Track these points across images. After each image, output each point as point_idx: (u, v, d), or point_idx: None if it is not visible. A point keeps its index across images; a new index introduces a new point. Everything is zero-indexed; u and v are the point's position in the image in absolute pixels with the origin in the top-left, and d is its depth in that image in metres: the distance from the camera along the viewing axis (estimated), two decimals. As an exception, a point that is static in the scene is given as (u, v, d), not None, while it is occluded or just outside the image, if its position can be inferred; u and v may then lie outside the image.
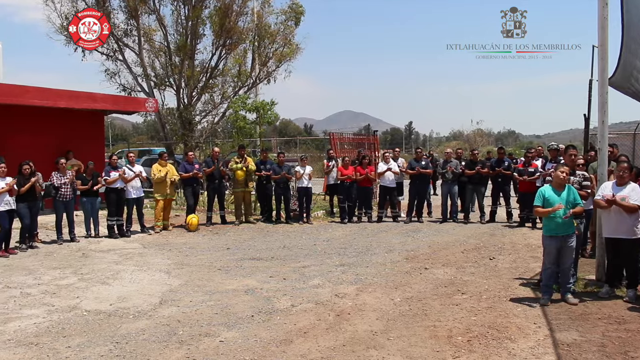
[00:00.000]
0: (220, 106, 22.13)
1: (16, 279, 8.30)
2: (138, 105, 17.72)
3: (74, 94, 15.16)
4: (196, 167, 13.22)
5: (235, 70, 22.07)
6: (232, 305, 6.83)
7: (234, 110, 17.06)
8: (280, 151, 15.58)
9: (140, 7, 20.58)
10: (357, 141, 18.28)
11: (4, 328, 6.10)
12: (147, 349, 5.44)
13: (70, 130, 15.53)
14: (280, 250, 10.54)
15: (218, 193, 13.80)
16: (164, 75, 21.63)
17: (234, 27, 20.98)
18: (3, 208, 9.94)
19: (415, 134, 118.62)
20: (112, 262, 9.47)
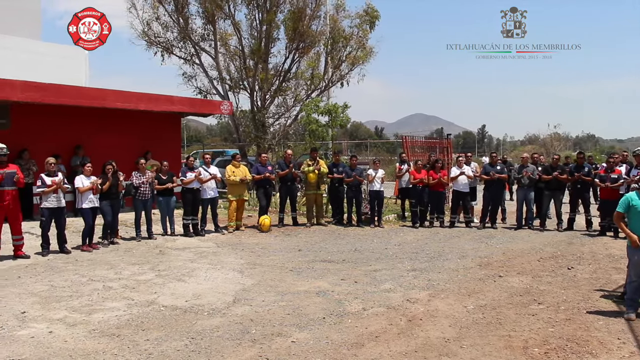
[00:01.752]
0: (292, 109, 22.42)
1: (99, 273, 8.69)
2: (214, 108, 18.20)
3: (153, 97, 15.73)
4: (269, 169, 13.42)
5: (308, 73, 22.27)
6: (304, 307, 6.88)
7: (306, 113, 17.20)
8: (352, 154, 15.58)
9: (216, 13, 21.16)
10: (429, 145, 18.05)
11: (89, 318, 6.41)
12: (221, 346, 5.56)
13: (149, 131, 16.15)
14: (352, 253, 10.54)
15: (290, 195, 13.95)
16: (239, 79, 22.13)
17: (307, 31, 21.19)
18: (87, 205, 10.46)
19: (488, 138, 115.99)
20: (187, 260, 9.75)
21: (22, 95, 12.91)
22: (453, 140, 18.29)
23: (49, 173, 10.08)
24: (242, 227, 13.25)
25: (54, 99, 13.48)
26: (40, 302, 7.05)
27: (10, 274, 8.62)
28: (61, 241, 10.26)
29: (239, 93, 22.26)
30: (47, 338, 5.76)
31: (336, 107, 16.46)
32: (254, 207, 15.70)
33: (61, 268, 9.06)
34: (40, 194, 10.08)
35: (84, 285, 7.91)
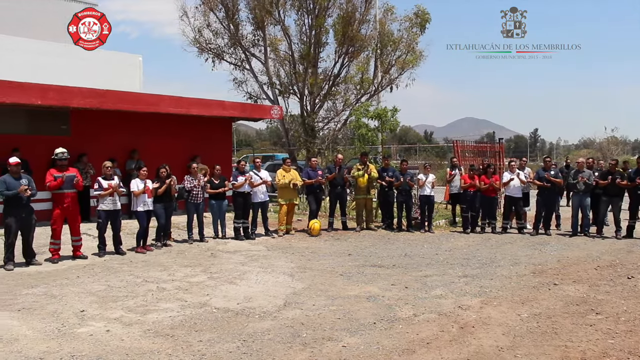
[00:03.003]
0: (342, 113, 22.43)
1: (153, 274, 8.90)
2: (264, 113, 18.40)
3: (205, 102, 16.03)
4: (319, 174, 13.47)
5: (357, 77, 22.23)
6: (354, 311, 6.86)
7: (356, 117, 17.19)
8: (403, 158, 15.48)
9: (266, 19, 21.39)
10: (479, 149, 17.76)
11: (144, 319, 6.56)
12: (272, 349, 5.60)
13: (201, 136, 16.45)
14: (402, 258, 10.46)
15: (340, 199, 13.96)
16: (288, 83, 22.27)
17: (356, 35, 21.16)
18: (142, 208, 10.74)
19: (540, 142, 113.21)
20: (238, 263, 9.87)
21: (81, 101, 13.37)
22: (505, 145, 17.90)
23: (106, 176, 10.41)
24: (292, 231, 13.34)
25: (111, 105, 13.90)
26: (97, 302, 7.27)
27: (70, 273, 8.92)
28: (117, 243, 10.56)
29: (288, 98, 22.42)
30: (105, 336, 5.93)
31: (386, 111, 16.40)
32: (304, 211, 15.79)
33: (117, 269, 9.32)
34: (97, 197, 10.41)
35: (139, 286, 8.11)
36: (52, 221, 9.94)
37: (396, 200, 14.03)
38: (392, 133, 20.86)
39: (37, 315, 6.65)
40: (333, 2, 21.05)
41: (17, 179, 9.26)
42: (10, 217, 9.19)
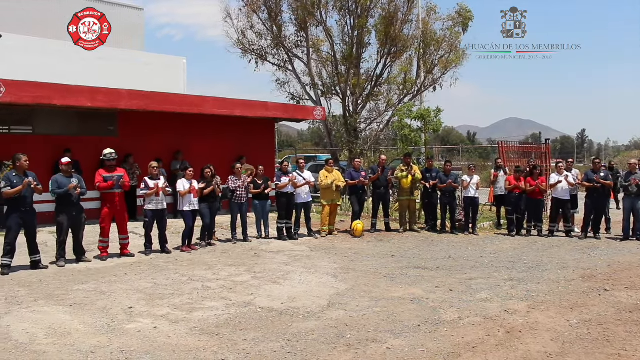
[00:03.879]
0: (385, 114, 22.35)
1: (198, 273, 9.03)
2: (307, 113, 18.47)
3: (248, 103, 16.19)
4: (362, 174, 13.43)
5: (400, 78, 22.11)
6: (398, 313, 6.81)
7: (399, 118, 17.09)
8: (446, 159, 15.31)
9: (308, 20, 21.48)
10: (524, 150, 17.41)
11: (190, 316, 6.66)
12: (316, 349, 5.61)
13: (244, 136, 16.61)
14: (446, 260, 10.33)
15: (383, 200, 13.89)
16: (331, 84, 22.31)
17: (399, 35, 21.04)
18: (188, 208, 10.91)
19: (588, 143, 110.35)
20: (281, 263, 9.92)
21: (128, 103, 13.68)
22: (551, 146, 17.51)
23: (152, 176, 10.62)
24: (334, 232, 13.35)
25: (157, 107, 14.18)
26: (145, 299, 7.42)
27: (118, 270, 9.13)
28: (162, 241, 10.75)
29: (331, 98, 22.49)
30: (152, 333, 6.05)
31: (429, 111, 16.25)
32: (347, 212, 15.77)
33: (163, 267, 9.49)
34: (144, 196, 10.64)
35: (184, 284, 8.24)
36: (101, 220, 10.20)
37: (440, 202, 13.88)
38: (435, 134, 20.64)
39: (88, 311, 6.84)
40: (375, 3, 21.03)
41: (68, 178, 9.55)
42: (61, 215, 9.48)
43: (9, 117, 13.62)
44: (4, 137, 13.37)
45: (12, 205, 8.93)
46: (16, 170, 9.01)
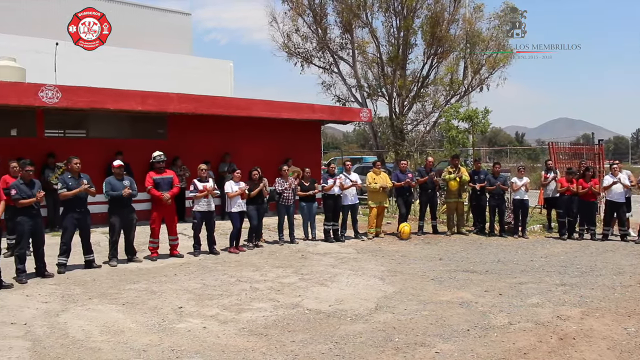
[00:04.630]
0: (431, 115, 22.14)
1: (246, 274, 9.11)
2: (353, 115, 18.46)
3: (295, 106, 16.28)
4: (409, 176, 13.33)
5: (447, 78, 21.87)
6: (447, 317, 6.73)
7: (446, 119, 16.90)
8: (495, 161, 15.04)
9: (354, 22, 21.48)
10: (576, 151, 16.96)
11: (238, 317, 6.74)
12: (364, 352, 5.59)
13: (290, 139, 16.72)
14: (495, 264, 10.14)
15: (430, 202, 13.73)
16: (377, 86, 22.25)
17: (445, 36, 20.82)
18: (236, 209, 11.04)
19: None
20: (329, 265, 9.92)
21: (178, 106, 13.96)
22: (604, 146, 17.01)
23: (201, 179, 10.78)
24: (381, 234, 13.28)
25: (205, 110, 14.42)
26: (194, 299, 7.54)
27: (168, 271, 9.31)
28: (211, 243, 10.91)
29: (377, 100, 22.41)
30: (202, 333, 6.14)
31: (477, 112, 16.01)
32: (393, 215, 15.68)
33: (211, 268, 9.62)
34: (193, 198, 10.80)
35: (233, 285, 8.33)
36: (151, 221, 10.43)
37: (488, 204, 13.63)
38: (482, 135, 20.34)
39: (140, 310, 6.99)
40: (421, 3, 20.88)
41: (120, 180, 9.80)
42: (114, 216, 9.74)
43: (64, 121, 14.10)
44: (59, 141, 13.85)
45: (67, 206, 9.24)
46: (71, 173, 9.31)
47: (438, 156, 20.61)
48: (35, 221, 8.63)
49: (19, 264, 8.47)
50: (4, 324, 6.40)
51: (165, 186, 10.35)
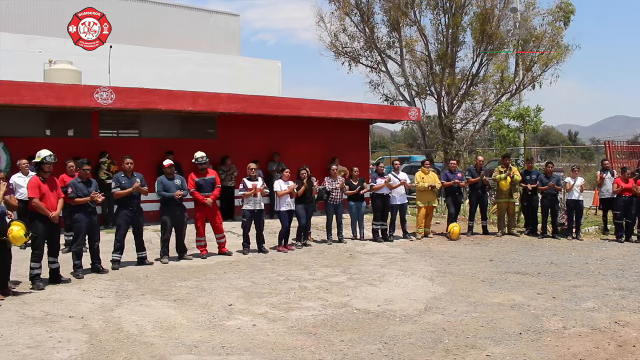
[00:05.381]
0: (481, 114, 21.79)
1: (294, 273, 9.15)
2: (402, 114, 18.34)
3: (344, 105, 16.28)
4: (458, 176, 13.13)
5: (497, 76, 21.46)
6: (498, 320, 6.59)
7: (496, 117, 16.56)
8: (548, 161, 14.66)
9: (401, 20, 21.34)
10: (634, 150, 16.38)
11: (287, 315, 6.77)
12: (413, 353, 5.53)
13: (339, 138, 16.74)
14: (547, 266, 9.88)
15: (480, 202, 13.47)
16: (425, 84, 22.04)
17: (495, 33, 20.45)
18: (285, 208, 11.09)
19: None
20: (377, 265, 9.86)
21: (227, 106, 14.16)
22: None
23: (250, 177, 10.87)
24: (430, 234, 13.12)
25: (254, 109, 14.57)
26: (243, 297, 7.62)
27: (217, 269, 9.44)
28: (260, 241, 10.99)
29: (425, 99, 22.21)
30: (252, 330, 6.20)
31: (528, 110, 15.61)
32: (442, 215, 15.48)
33: (260, 266, 9.70)
34: (242, 197, 10.91)
35: (281, 284, 8.38)
36: (195, 220, 10.57)
37: (541, 205, 13.28)
38: (534, 134, 19.85)
39: (190, 306, 7.11)
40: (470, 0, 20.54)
41: (171, 179, 9.99)
42: (165, 214, 9.93)
43: (118, 121, 14.49)
44: (113, 141, 14.23)
45: (121, 204, 9.50)
46: (124, 172, 9.56)
47: (488, 155, 20.25)
48: (91, 219, 8.91)
49: (76, 259, 8.76)
50: (63, 317, 6.64)
51: (208, 187, 10.45)
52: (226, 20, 28.73)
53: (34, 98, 11.92)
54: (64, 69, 15.55)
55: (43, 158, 8.20)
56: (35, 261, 7.98)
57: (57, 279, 8.25)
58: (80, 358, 5.37)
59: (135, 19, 24.16)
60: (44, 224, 8.03)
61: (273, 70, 26.91)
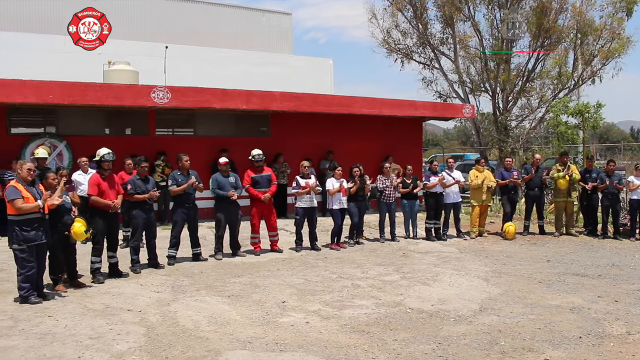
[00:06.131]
0: (537, 110, 21.24)
1: (347, 271, 9.14)
2: (455, 112, 18.06)
3: (396, 103, 16.16)
4: (514, 174, 12.83)
5: (554, 71, 20.85)
6: (557, 323, 6.40)
7: (554, 114, 16.11)
8: (609, 159, 14.16)
9: (455, 15, 21.04)
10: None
11: (340, 313, 6.77)
12: (468, 355, 5.44)
13: (391, 136, 16.62)
14: (609, 268, 9.52)
15: (537, 202, 13.09)
16: (479, 81, 21.65)
17: (552, 27, 19.88)
18: (337, 206, 11.08)
19: None
20: (430, 264, 9.75)
21: (280, 105, 14.27)
22: None
23: (303, 175, 10.92)
24: (484, 234, 12.87)
25: (307, 107, 14.63)
26: (297, 294, 7.66)
27: (270, 266, 9.53)
28: (312, 239, 11.02)
29: (479, 96, 21.83)
30: (305, 327, 6.23)
31: (587, 106, 15.11)
32: (497, 214, 15.17)
33: (313, 264, 9.73)
34: (295, 195, 10.97)
35: (334, 282, 8.38)
36: (251, 217, 10.69)
37: (601, 204, 12.83)
38: (593, 131, 19.21)
39: (244, 303, 7.20)
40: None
41: (225, 177, 10.14)
42: (220, 211, 10.08)
43: (173, 120, 14.82)
44: (169, 139, 14.57)
45: (177, 201, 9.70)
46: (180, 170, 9.76)
47: (545, 153, 19.67)
48: (148, 215, 9.15)
49: (134, 255, 9.02)
50: (122, 310, 6.84)
51: (264, 183, 10.56)
52: (278, 19, 28.94)
53: (95, 98, 12.33)
54: (122, 70, 16.00)
55: (102, 156, 8.48)
56: (95, 255, 8.29)
57: (116, 273, 8.52)
58: (138, 350, 5.52)
59: (189, 20, 24.64)
60: (103, 220, 8.32)
61: (325, 68, 26.93)
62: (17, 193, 6.95)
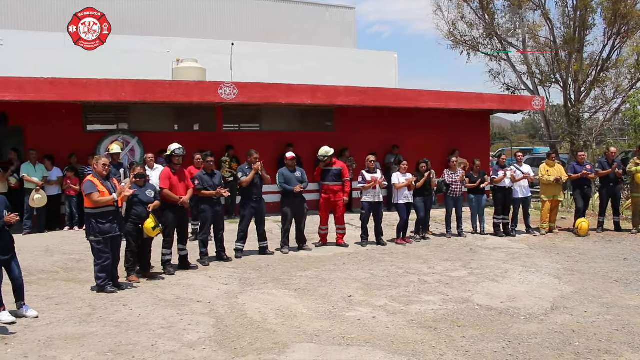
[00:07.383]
0: (613, 101, 20.38)
1: (413, 266, 9.06)
2: (524, 104, 17.52)
3: (463, 95, 15.85)
4: (587, 168, 12.34)
5: (632, 60, 19.93)
6: (636, 324, 6.12)
7: (631, 105, 15.41)
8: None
9: (524, 4, 20.41)
10: None
11: (407, 309, 6.73)
12: (540, 354, 5.30)
13: (457, 130, 16.33)
14: (692, 267, 9.05)
15: (612, 197, 12.52)
16: (550, 72, 20.97)
17: (630, 12, 18.99)
18: (403, 201, 11.00)
19: None
20: (499, 260, 9.53)
21: (345, 99, 14.27)
22: None
23: (369, 170, 10.89)
24: (555, 230, 12.44)
25: (372, 102, 14.57)
26: (363, 288, 7.66)
27: (336, 260, 9.57)
28: (378, 233, 10.98)
29: (550, 87, 21.17)
30: (371, 322, 6.23)
31: (670, 96, 14.39)
32: (568, 209, 14.66)
33: (379, 258, 9.70)
34: (361, 189, 10.95)
35: (401, 277, 8.33)
36: (320, 209, 10.79)
37: (684, 200, 12.16)
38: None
39: (311, 296, 7.27)
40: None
41: (292, 171, 10.24)
42: (286, 206, 10.20)
43: (240, 116, 15.08)
44: (236, 134, 14.85)
45: (245, 196, 9.88)
46: (248, 164, 9.93)
47: (620, 146, 18.87)
48: (216, 209, 9.36)
49: (202, 247, 9.27)
50: (192, 301, 7.05)
51: (334, 177, 10.62)
52: (342, 14, 28.89)
53: (165, 95, 12.70)
54: (190, 67, 16.39)
55: (172, 151, 8.75)
56: (166, 248, 8.57)
57: (186, 265, 8.78)
58: (208, 341, 5.67)
59: (254, 17, 24.96)
60: (174, 214, 8.58)
61: (389, 62, 26.69)
62: (94, 187, 7.28)
